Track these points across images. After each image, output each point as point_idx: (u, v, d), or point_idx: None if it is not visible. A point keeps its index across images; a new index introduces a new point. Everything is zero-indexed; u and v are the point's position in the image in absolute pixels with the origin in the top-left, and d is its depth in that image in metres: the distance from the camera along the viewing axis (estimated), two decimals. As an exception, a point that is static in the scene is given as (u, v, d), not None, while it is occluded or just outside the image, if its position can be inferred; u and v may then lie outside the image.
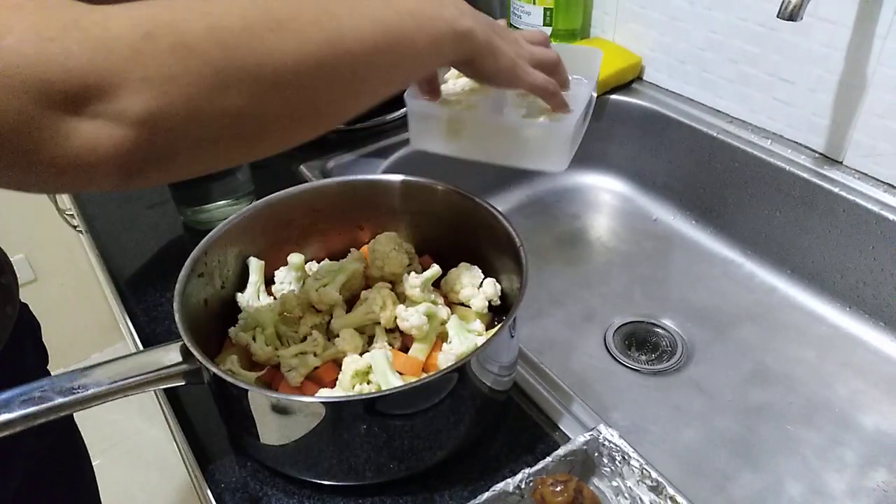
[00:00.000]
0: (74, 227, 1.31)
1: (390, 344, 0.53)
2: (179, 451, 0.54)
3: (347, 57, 0.36)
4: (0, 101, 0.27)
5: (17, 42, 0.27)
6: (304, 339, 0.52)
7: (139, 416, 1.81)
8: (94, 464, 0.85)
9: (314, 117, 0.37)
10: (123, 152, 0.30)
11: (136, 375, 0.45)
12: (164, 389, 0.56)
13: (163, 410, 1.09)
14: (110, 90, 0.29)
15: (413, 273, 0.56)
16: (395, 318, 0.52)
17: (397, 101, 0.88)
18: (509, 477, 0.45)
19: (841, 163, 0.76)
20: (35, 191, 0.31)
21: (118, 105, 0.29)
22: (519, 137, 0.61)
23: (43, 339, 0.73)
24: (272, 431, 0.46)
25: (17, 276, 0.70)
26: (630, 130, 0.93)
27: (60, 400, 0.41)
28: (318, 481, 0.48)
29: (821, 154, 0.77)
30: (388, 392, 0.44)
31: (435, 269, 0.56)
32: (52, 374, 0.69)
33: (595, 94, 0.66)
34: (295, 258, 0.56)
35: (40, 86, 0.28)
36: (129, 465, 1.75)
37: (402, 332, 0.54)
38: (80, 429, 0.78)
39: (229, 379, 0.42)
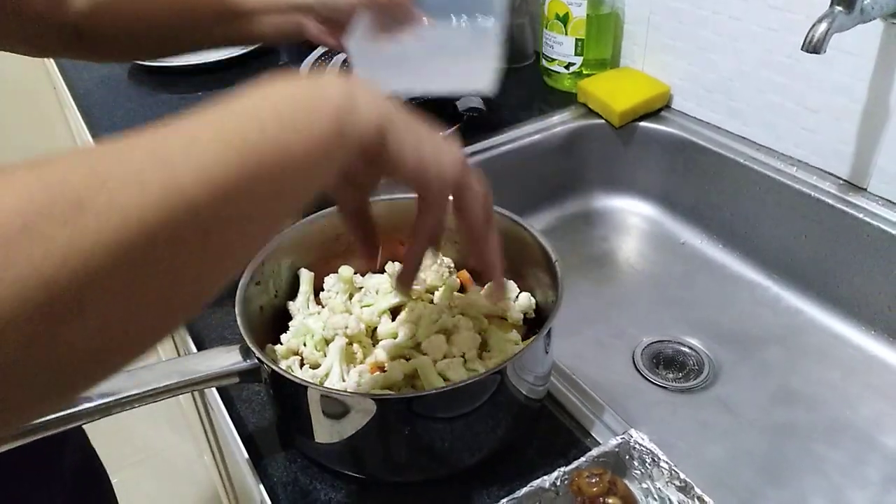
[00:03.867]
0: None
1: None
2: (233, 448, 0.58)
3: (191, 213, 0.25)
4: None
5: None
6: (351, 343, 0.56)
7: (169, 429, 1.86)
8: (123, 476, 0.88)
9: (167, 310, 0.27)
10: None
11: (199, 373, 0.49)
12: (218, 390, 0.60)
13: (201, 419, 1.13)
14: None
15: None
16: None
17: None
18: (543, 477, 0.48)
19: (865, 189, 0.78)
20: None
21: None
22: (448, 65, 0.67)
23: None
24: (324, 428, 0.49)
25: None
26: (658, 156, 0.96)
27: (135, 391, 0.45)
28: (365, 477, 0.51)
29: (845, 181, 0.80)
30: (434, 391, 0.48)
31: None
32: None
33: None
34: (345, 271, 0.60)
35: None
36: (158, 477, 1.78)
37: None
38: (111, 441, 0.81)
39: (290, 376, 0.46)
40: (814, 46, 0.64)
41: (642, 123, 0.96)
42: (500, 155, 0.93)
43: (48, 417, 0.42)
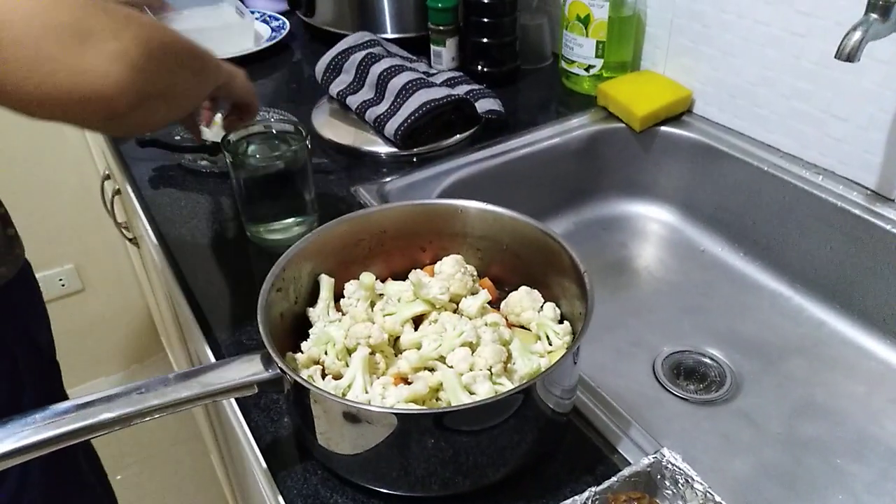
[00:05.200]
0: (130, 239, 1.36)
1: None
2: (250, 458, 0.57)
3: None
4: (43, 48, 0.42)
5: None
6: (374, 353, 0.55)
7: (176, 426, 1.85)
8: (127, 473, 0.90)
9: None
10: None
11: (220, 384, 0.48)
12: (237, 400, 0.59)
13: (210, 418, 1.12)
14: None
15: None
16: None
17: (451, 129, 0.92)
18: (570, 496, 0.46)
19: (893, 200, 0.77)
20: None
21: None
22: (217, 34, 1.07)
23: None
24: (346, 440, 0.48)
25: (66, 285, 0.85)
26: (679, 162, 0.94)
27: (156, 403, 0.44)
28: (387, 491, 0.50)
29: (872, 191, 0.78)
30: (459, 408, 0.46)
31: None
32: (93, 384, 0.78)
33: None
34: (366, 278, 0.58)
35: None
36: (164, 475, 1.78)
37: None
38: (115, 438, 0.83)
39: (315, 388, 0.44)
40: (848, 55, 0.63)
41: (663, 128, 0.94)
42: (518, 158, 0.92)
43: (72, 427, 0.41)
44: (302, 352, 0.55)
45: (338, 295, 0.61)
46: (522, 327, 0.59)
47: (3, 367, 0.73)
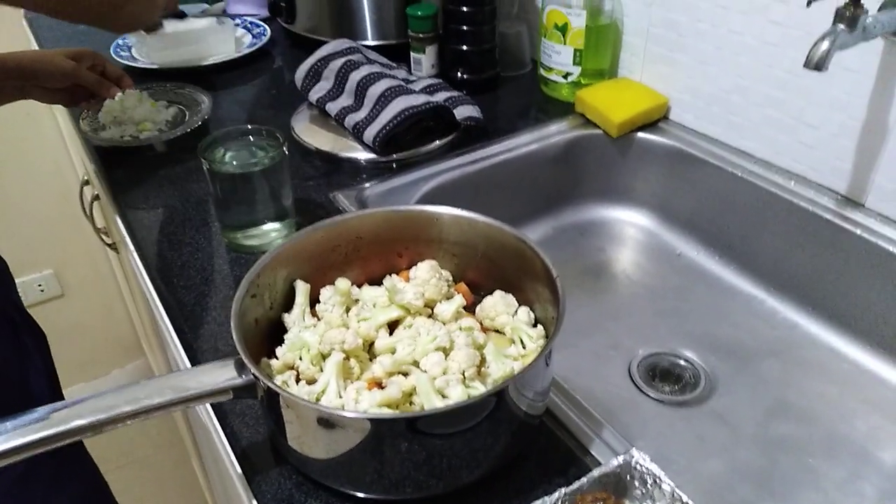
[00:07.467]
0: (109, 245, 1.35)
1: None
2: (226, 463, 0.57)
3: None
4: None
5: None
6: (348, 358, 0.55)
7: (157, 431, 1.84)
8: (108, 479, 0.91)
9: None
10: None
11: (193, 389, 0.48)
12: (212, 406, 0.59)
13: (189, 424, 1.12)
14: None
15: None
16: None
17: (430, 135, 0.92)
18: (541, 497, 0.47)
19: (863, 205, 0.78)
20: None
21: None
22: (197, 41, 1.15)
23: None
24: (320, 445, 0.48)
25: (46, 291, 0.91)
26: (656, 167, 0.96)
27: (128, 409, 0.44)
28: (361, 495, 0.50)
29: (843, 196, 0.80)
30: (431, 412, 0.47)
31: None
32: (74, 389, 0.79)
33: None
34: (342, 284, 0.59)
35: None
36: (145, 482, 1.77)
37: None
38: (96, 444, 0.84)
39: (287, 393, 0.45)
40: (816, 64, 0.64)
41: (640, 134, 0.96)
42: (497, 164, 0.93)
43: (44, 434, 0.41)
44: (277, 357, 0.55)
45: (314, 300, 0.61)
46: (497, 331, 0.60)
47: (5, 332, 0.76)
